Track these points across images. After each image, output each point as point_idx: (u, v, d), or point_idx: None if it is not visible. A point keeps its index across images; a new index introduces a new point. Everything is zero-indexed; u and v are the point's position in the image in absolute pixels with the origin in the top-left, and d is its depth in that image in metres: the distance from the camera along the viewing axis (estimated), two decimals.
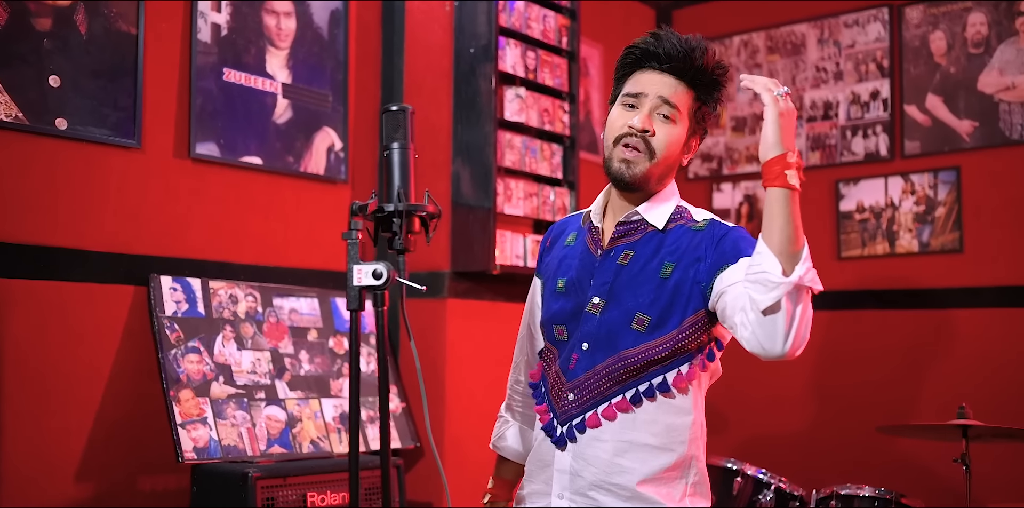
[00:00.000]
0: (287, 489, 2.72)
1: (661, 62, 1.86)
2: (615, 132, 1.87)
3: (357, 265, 1.66)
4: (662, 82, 1.85)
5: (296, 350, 3.16)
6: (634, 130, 1.83)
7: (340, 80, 3.48)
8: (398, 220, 1.72)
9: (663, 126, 1.84)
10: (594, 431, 1.84)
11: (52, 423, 2.69)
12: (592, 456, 1.84)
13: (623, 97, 1.89)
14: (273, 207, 3.27)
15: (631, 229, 1.91)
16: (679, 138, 1.87)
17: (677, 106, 1.85)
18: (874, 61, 4.30)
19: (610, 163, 1.87)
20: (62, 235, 2.75)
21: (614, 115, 1.90)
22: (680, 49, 1.85)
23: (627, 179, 1.85)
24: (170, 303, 2.89)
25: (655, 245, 1.88)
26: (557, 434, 1.88)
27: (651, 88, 1.85)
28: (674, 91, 1.85)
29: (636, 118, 1.84)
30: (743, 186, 4.64)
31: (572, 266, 1.96)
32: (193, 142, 3.04)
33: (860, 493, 2.89)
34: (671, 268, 1.84)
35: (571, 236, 2.03)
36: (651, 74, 1.87)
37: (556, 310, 1.95)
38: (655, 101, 1.84)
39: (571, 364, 1.88)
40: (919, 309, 4.04)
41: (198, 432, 2.77)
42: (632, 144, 1.84)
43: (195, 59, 3.05)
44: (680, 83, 1.86)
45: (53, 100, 2.72)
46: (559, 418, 1.89)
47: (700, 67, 1.85)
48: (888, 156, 4.20)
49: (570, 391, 1.87)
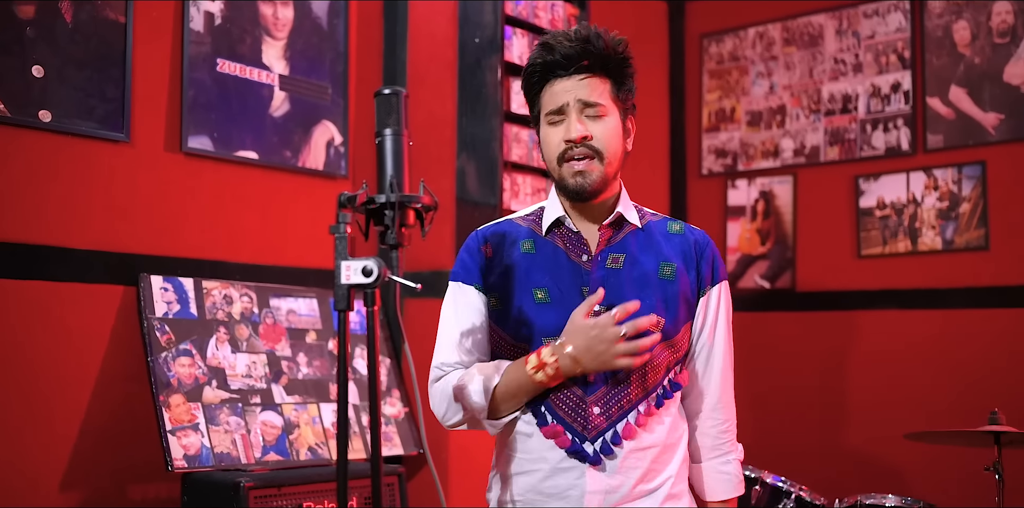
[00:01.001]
0: (282, 499, 2.59)
1: (565, 68, 1.81)
2: (555, 151, 1.82)
3: (345, 261, 1.52)
4: (575, 85, 1.81)
5: (294, 353, 3.03)
6: (573, 142, 1.78)
7: (340, 72, 3.35)
8: (390, 212, 1.58)
9: (596, 125, 1.81)
10: (630, 442, 1.77)
11: (36, 430, 2.58)
12: (631, 468, 1.78)
13: (547, 116, 1.84)
14: (270, 204, 3.14)
15: (614, 232, 1.87)
16: (616, 129, 1.83)
17: (599, 102, 1.81)
18: (895, 52, 4.15)
19: (565, 182, 1.82)
20: (47, 233, 2.63)
21: (547, 136, 1.85)
22: (576, 47, 1.80)
23: (588, 190, 1.81)
24: (160, 304, 2.77)
25: (641, 244, 1.87)
26: (590, 453, 1.76)
27: (567, 96, 1.81)
28: (591, 89, 1.81)
29: (568, 130, 1.79)
30: (759, 182, 4.49)
31: (547, 274, 1.84)
32: (185, 136, 2.91)
33: (885, 502, 2.76)
34: (671, 270, 1.85)
35: (526, 244, 1.88)
36: (561, 82, 1.82)
37: (544, 323, 1.80)
38: (577, 106, 1.81)
39: (590, 377, 1.78)
40: (943, 309, 3.89)
41: (189, 439, 2.64)
42: (577, 154, 1.80)
43: (187, 49, 2.93)
44: (592, 77, 1.82)
45: (37, 91, 2.61)
46: (585, 435, 1.77)
47: (602, 54, 1.81)
48: (910, 150, 4.05)
49: (594, 405, 1.78)
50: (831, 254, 4.22)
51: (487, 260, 1.88)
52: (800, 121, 4.40)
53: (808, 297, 4.27)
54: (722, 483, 1.91)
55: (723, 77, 4.69)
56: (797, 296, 4.30)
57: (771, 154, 4.47)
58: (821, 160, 4.31)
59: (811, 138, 4.36)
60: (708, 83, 4.73)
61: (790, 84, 4.45)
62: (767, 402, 4.27)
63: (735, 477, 1.93)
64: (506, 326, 1.84)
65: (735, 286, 4.46)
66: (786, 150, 4.43)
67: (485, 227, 1.95)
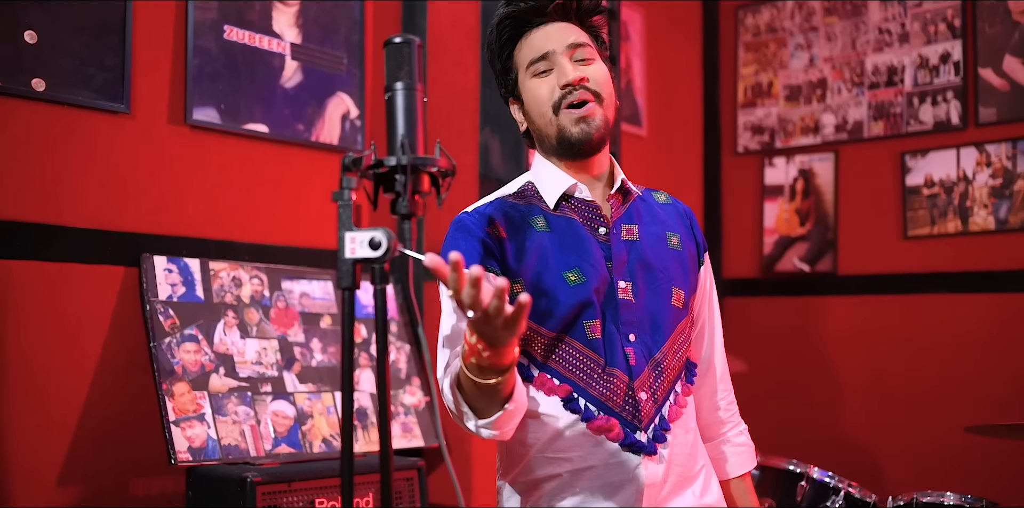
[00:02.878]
0: (292, 495, 2.41)
1: (540, 14, 1.70)
2: (550, 100, 1.68)
3: (350, 233, 1.34)
4: (556, 31, 1.70)
5: (307, 338, 2.86)
6: (573, 84, 1.66)
7: (356, 41, 3.16)
8: (402, 177, 1.39)
9: (589, 68, 1.69)
10: (675, 425, 1.67)
11: (31, 421, 2.42)
12: (678, 453, 1.67)
13: (530, 68, 1.69)
14: (281, 180, 2.97)
15: (620, 200, 1.76)
16: (608, 73, 1.72)
17: (587, 43, 1.71)
18: (944, 21, 3.92)
19: (566, 132, 1.68)
20: (40, 210, 2.46)
21: (534, 88, 1.70)
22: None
23: (593, 136, 1.67)
24: (164, 286, 2.59)
25: (647, 214, 1.78)
26: (646, 441, 1.62)
27: (551, 42, 1.69)
28: (568, 32, 1.70)
29: (563, 74, 1.65)
30: (798, 160, 4.28)
31: (575, 253, 1.66)
32: (190, 107, 2.74)
33: (943, 500, 2.59)
34: (677, 239, 1.78)
35: (539, 221, 1.69)
36: (537, 32, 1.71)
37: (583, 305, 1.63)
38: (564, 50, 1.68)
39: (631, 360, 1.63)
40: (996, 292, 3.71)
41: (194, 430, 2.47)
42: (578, 99, 1.66)
43: (192, 14, 2.75)
44: (570, 23, 1.72)
45: (29, 58, 2.43)
46: (638, 424, 1.62)
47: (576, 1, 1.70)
48: (960, 125, 3.84)
49: (640, 390, 1.63)
50: (875, 235, 4.03)
51: (499, 241, 1.67)
52: (842, 95, 4.18)
53: (851, 281, 4.08)
54: (741, 456, 1.89)
55: (760, 50, 4.46)
56: (839, 280, 4.11)
57: (811, 130, 4.26)
58: (864, 136, 4.09)
59: (854, 113, 4.14)
60: (744, 56, 4.51)
61: (831, 56, 4.23)
62: (810, 393, 4.08)
63: (751, 448, 1.91)
64: (538, 316, 1.63)
65: (772, 269, 4.27)
66: (827, 126, 4.21)
67: (479, 207, 1.74)
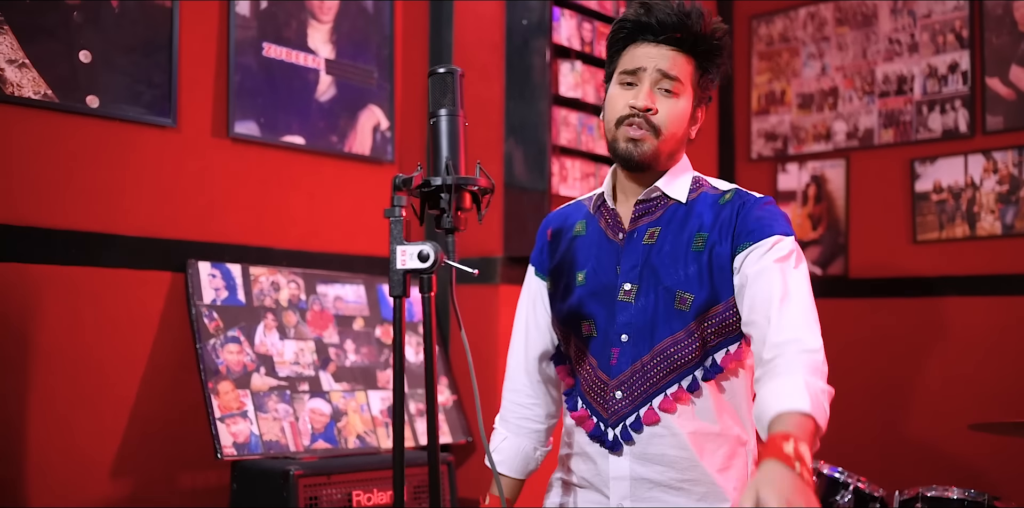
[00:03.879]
0: (331, 487, 2.56)
1: (656, 33, 1.75)
2: (616, 113, 1.77)
3: (401, 246, 1.48)
4: (659, 54, 1.75)
5: (341, 340, 3.01)
6: (636, 110, 1.73)
7: (386, 55, 3.31)
8: (446, 195, 1.53)
9: (666, 101, 1.75)
10: (653, 428, 1.71)
11: (85, 417, 2.58)
12: (657, 455, 1.71)
13: (620, 75, 1.78)
14: (316, 189, 3.12)
15: (652, 206, 1.80)
16: (684, 112, 1.77)
17: (679, 78, 1.75)
18: (952, 31, 4.04)
19: (616, 144, 1.77)
20: (93, 219, 2.63)
21: (613, 94, 1.79)
22: (674, 17, 1.73)
23: (636, 159, 1.75)
24: (208, 290, 2.75)
25: (681, 218, 1.78)
26: (610, 438, 1.73)
27: (649, 62, 1.75)
28: (673, 62, 1.75)
29: (637, 97, 1.73)
30: (810, 166, 4.40)
31: (590, 256, 1.82)
32: (232, 121, 2.89)
33: (948, 495, 2.69)
34: (702, 240, 1.74)
35: (579, 225, 1.88)
36: (647, 47, 1.76)
37: (581, 304, 1.79)
38: (654, 75, 1.75)
39: (612, 360, 1.74)
40: (1003, 296, 3.80)
41: (238, 426, 2.63)
42: (636, 124, 1.74)
43: (233, 33, 2.90)
44: (678, 53, 1.76)
45: (84, 77, 2.59)
46: (608, 421, 1.74)
47: (698, 33, 1.74)
48: (968, 133, 3.95)
49: (616, 389, 1.73)
50: (885, 240, 4.14)
51: (548, 244, 1.91)
52: (853, 103, 4.30)
53: (862, 284, 4.19)
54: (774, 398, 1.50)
55: (773, 59, 4.59)
56: (850, 283, 4.22)
57: (823, 137, 4.38)
58: (875, 143, 4.21)
59: (864, 120, 4.26)
60: (757, 65, 4.64)
61: (842, 65, 4.35)
62: None
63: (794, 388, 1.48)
64: (556, 309, 1.86)
65: None
66: (838, 133, 4.33)
67: (558, 208, 1.99)
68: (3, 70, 2.44)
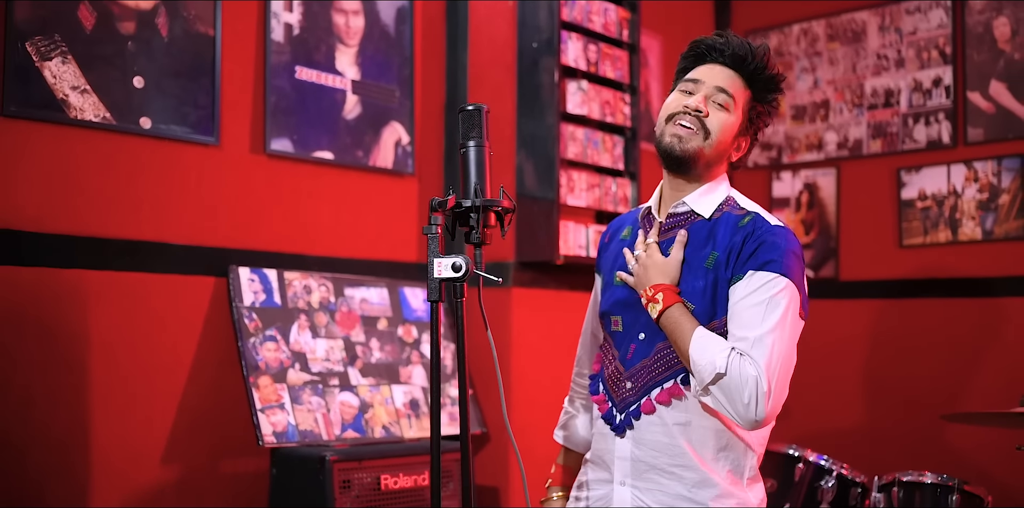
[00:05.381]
0: (362, 472, 2.82)
1: (724, 56, 1.95)
2: (668, 110, 1.96)
3: (437, 258, 1.74)
4: (721, 73, 1.95)
5: (367, 338, 3.26)
6: (688, 109, 1.92)
7: (407, 75, 3.57)
8: (475, 215, 1.79)
9: (717, 112, 1.92)
10: (649, 416, 1.91)
11: (138, 410, 2.82)
12: (652, 441, 1.91)
13: (683, 83, 1.98)
14: (344, 200, 3.37)
15: (681, 220, 1.97)
16: (732, 126, 1.93)
17: (733, 95, 1.93)
18: (936, 48, 4.27)
19: (661, 139, 1.94)
20: (146, 229, 2.87)
21: (671, 98, 1.98)
22: (744, 47, 1.95)
23: (677, 153, 1.91)
24: (248, 293, 3.01)
25: (704, 235, 1.92)
26: (616, 422, 1.96)
27: (709, 77, 1.95)
28: (732, 82, 1.94)
29: (692, 99, 1.93)
30: (803, 174, 4.64)
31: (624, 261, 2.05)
32: (268, 138, 3.15)
33: (922, 479, 2.87)
34: (713, 259, 1.89)
35: (627, 230, 2.10)
36: (712, 66, 1.97)
37: (613, 302, 2.03)
38: (711, 89, 1.93)
39: (629, 354, 1.97)
40: (983, 297, 4.01)
41: (276, 417, 2.89)
42: (686, 121, 1.91)
43: (269, 58, 3.16)
44: (738, 77, 1.95)
45: (137, 100, 2.85)
46: (617, 406, 1.97)
47: (760, 65, 1.95)
48: (951, 143, 4.18)
49: (627, 380, 1.96)
50: (874, 244, 4.35)
51: (605, 247, 2.14)
52: (843, 115, 4.54)
53: (851, 286, 4.41)
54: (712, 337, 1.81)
55: None
56: (840, 285, 4.44)
57: (815, 147, 4.62)
58: (864, 153, 4.44)
59: (854, 131, 4.49)
60: None
61: (833, 79, 4.59)
62: (810, 386, 4.41)
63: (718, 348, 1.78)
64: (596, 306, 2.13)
65: None
66: (829, 143, 4.57)
67: (617, 218, 2.22)
68: (68, 96, 2.70)
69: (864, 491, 3.02)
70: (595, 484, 2.02)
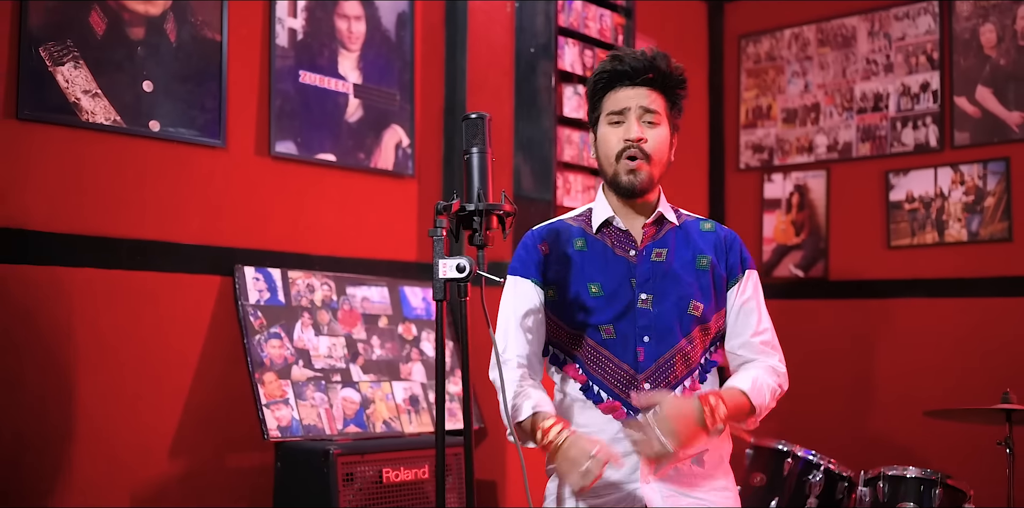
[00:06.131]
0: (365, 465, 2.91)
1: (631, 78, 2.06)
2: (614, 149, 2.06)
3: (442, 260, 1.82)
4: (637, 94, 2.06)
5: (368, 336, 3.35)
6: (631, 142, 2.04)
7: (407, 79, 3.65)
8: (478, 218, 1.88)
9: (651, 131, 2.05)
10: None
11: (147, 404, 2.90)
12: None
13: (608, 116, 2.08)
14: (346, 201, 3.45)
15: (658, 230, 2.12)
16: (666, 138, 2.08)
17: (658, 111, 2.06)
18: (924, 53, 4.36)
19: (618, 178, 2.06)
20: (154, 229, 2.95)
21: (605, 134, 2.08)
22: (643, 62, 2.05)
23: (637, 188, 2.05)
24: (253, 292, 3.09)
25: (682, 240, 2.11)
26: None
27: (630, 102, 2.06)
28: (650, 99, 2.06)
29: (628, 131, 2.04)
30: (794, 176, 4.73)
31: (601, 270, 2.08)
32: (273, 141, 3.23)
33: (906, 474, 2.96)
34: (706, 261, 2.09)
35: (579, 242, 2.12)
36: (625, 90, 2.07)
37: (599, 311, 2.06)
38: (638, 111, 2.05)
39: (640, 357, 2.02)
40: (968, 297, 4.10)
41: (281, 412, 2.97)
42: (632, 154, 2.03)
43: (274, 63, 3.24)
44: (652, 91, 2.07)
45: (147, 104, 2.92)
46: (639, 408, 1.99)
47: (665, 73, 2.07)
48: (938, 147, 4.27)
49: (645, 381, 2.02)
50: (862, 245, 4.44)
51: (544, 257, 2.12)
52: (833, 118, 4.63)
53: (840, 286, 4.50)
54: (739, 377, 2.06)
55: (760, 76, 4.92)
56: (829, 285, 4.54)
57: (805, 150, 4.71)
58: (853, 156, 4.53)
59: (844, 135, 4.59)
60: (746, 82, 4.97)
61: (824, 83, 4.68)
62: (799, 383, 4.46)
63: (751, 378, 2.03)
64: (563, 316, 2.09)
65: (770, 275, 4.71)
66: (820, 146, 4.66)
67: (540, 226, 2.20)
68: (79, 100, 2.78)
69: (850, 485, 3.11)
70: (610, 488, 2.02)
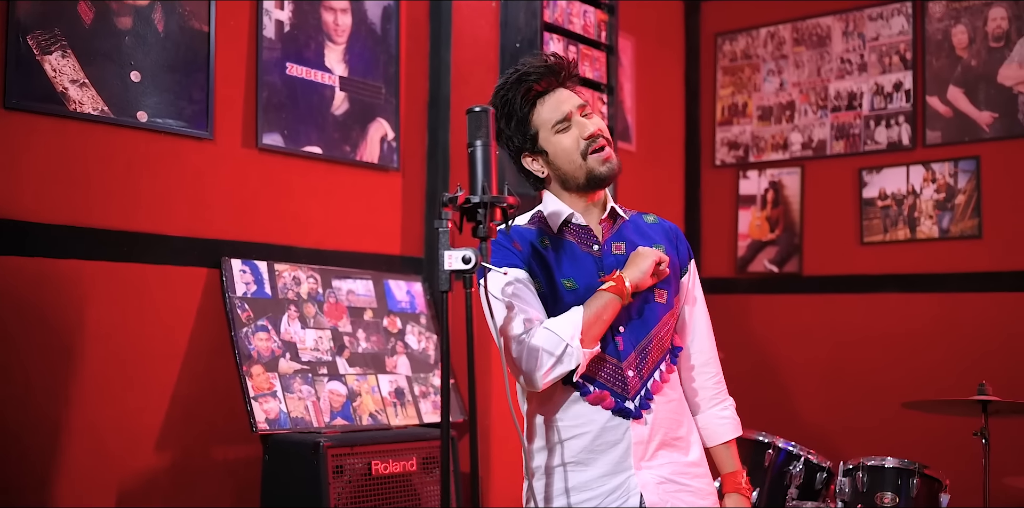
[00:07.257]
0: (354, 458, 2.92)
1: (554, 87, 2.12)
2: (576, 150, 2.09)
3: (448, 251, 1.84)
4: (563, 97, 2.12)
5: (354, 329, 3.36)
6: (592, 136, 2.09)
7: (392, 73, 3.66)
8: (483, 211, 1.90)
9: (597, 120, 2.13)
10: (658, 396, 2.08)
11: (133, 396, 2.89)
12: (662, 418, 2.08)
13: (555, 127, 2.10)
14: (332, 194, 3.45)
15: (612, 224, 2.18)
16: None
17: (586, 102, 2.16)
18: (897, 53, 4.45)
19: (595, 172, 2.09)
20: (142, 220, 2.93)
21: (560, 143, 2.09)
22: (549, 66, 2.12)
23: (616, 171, 2.12)
24: (240, 284, 3.08)
25: (635, 233, 2.18)
26: (633, 408, 2.04)
27: (565, 106, 2.11)
28: (575, 94, 2.15)
29: (583, 128, 2.10)
30: (769, 173, 4.80)
31: (570, 265, 2.11)
32: (260, 133, 3.22)
33: (885, 464, 3.05)
34: (661, 250, 2.15)
35: (544, 240, 2.14)
36: (550, 99, 2.12)
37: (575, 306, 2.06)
38: (578, 110, 2.11)
39: (619, 346, 2.08)
40: (939, 292, 4.20)
41: (269, 404, 2.97)
42: (599, 145, 2.08)
43: (261, 54, 3.23)
44: (567, 88, 2.15)
45: (134, 94, 2.91)
46: (626, 395, 2.05)
47: (569, 68, 2.15)
48: (910, 145, 4.36)
49: (628, 369, 2.07)
50: (836, 241, 4.53)
51: (520, 253, 2.12)
52: (808, 116, 4.71)
53: (814, 281, 4.59)
54: (724, 427, 2.22)
55: (736, 74, 4.99)
56: (804, 280, 4.62)
57: (780, 147, 4.78)
58: (827, 153, 4.61)
59: (818, 132, 4.66)
60: (722, 79, 5.04)
61: (799, 81, 4.76)
62: (777, 376, 4.58)
63: (733, 420, 2.23)
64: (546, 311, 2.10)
65: (745, 270, 4.78)
66: (794, 143, 4.74)
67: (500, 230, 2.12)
68: (67, 89, 2.76)
69: (830, 475, 3.20)
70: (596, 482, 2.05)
